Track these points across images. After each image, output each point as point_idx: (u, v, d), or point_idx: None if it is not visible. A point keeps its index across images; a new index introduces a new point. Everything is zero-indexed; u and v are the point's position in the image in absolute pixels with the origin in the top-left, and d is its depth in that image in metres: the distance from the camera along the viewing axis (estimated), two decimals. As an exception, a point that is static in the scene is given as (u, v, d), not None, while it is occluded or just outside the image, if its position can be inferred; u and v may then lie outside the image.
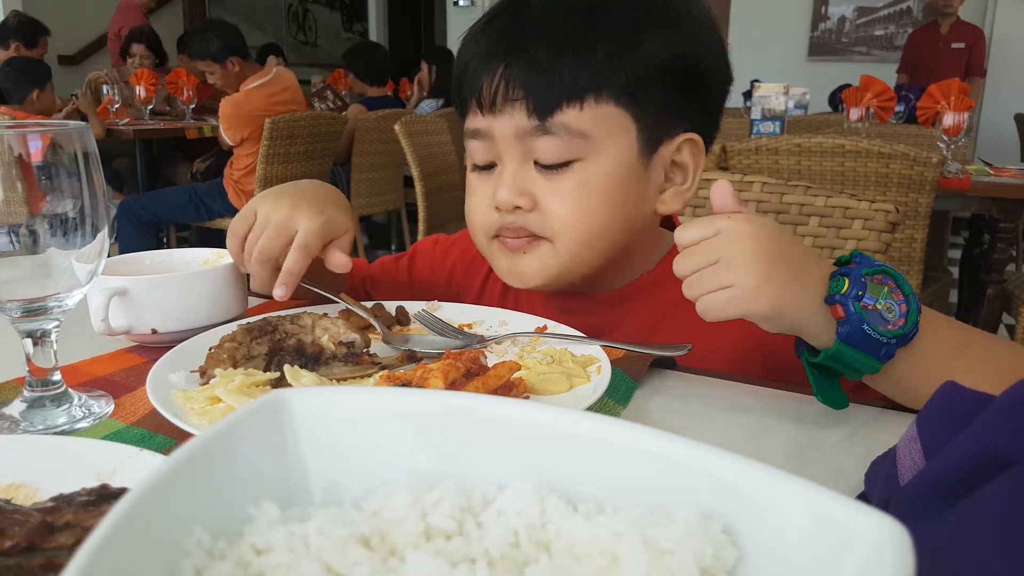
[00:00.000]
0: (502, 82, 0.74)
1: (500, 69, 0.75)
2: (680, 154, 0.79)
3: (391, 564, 0.29)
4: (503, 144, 0.77)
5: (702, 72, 0.78)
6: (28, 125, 0.55)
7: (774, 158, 2.33)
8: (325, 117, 3.67)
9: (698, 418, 0.65)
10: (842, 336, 0.59)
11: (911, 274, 2.35)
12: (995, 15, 5.83)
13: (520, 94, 0.73)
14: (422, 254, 1.04)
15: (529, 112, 0.73)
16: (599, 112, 0.74)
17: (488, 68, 0.75)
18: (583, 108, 0.73)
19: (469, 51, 0.78)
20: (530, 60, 0.73)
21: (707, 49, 0.78)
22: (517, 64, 0.74)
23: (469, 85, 0.77)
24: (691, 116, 0.79)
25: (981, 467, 0.34)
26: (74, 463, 0.48)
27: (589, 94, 0.73)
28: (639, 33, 0.74)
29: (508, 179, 0.76)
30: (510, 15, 0.77)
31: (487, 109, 0.76)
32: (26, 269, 0.57)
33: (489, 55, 0.76)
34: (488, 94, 0.75)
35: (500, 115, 0.75)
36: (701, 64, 0.77)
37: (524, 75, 0.73)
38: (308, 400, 0.35)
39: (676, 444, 0.31)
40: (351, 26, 9.41)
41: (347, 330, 0.70)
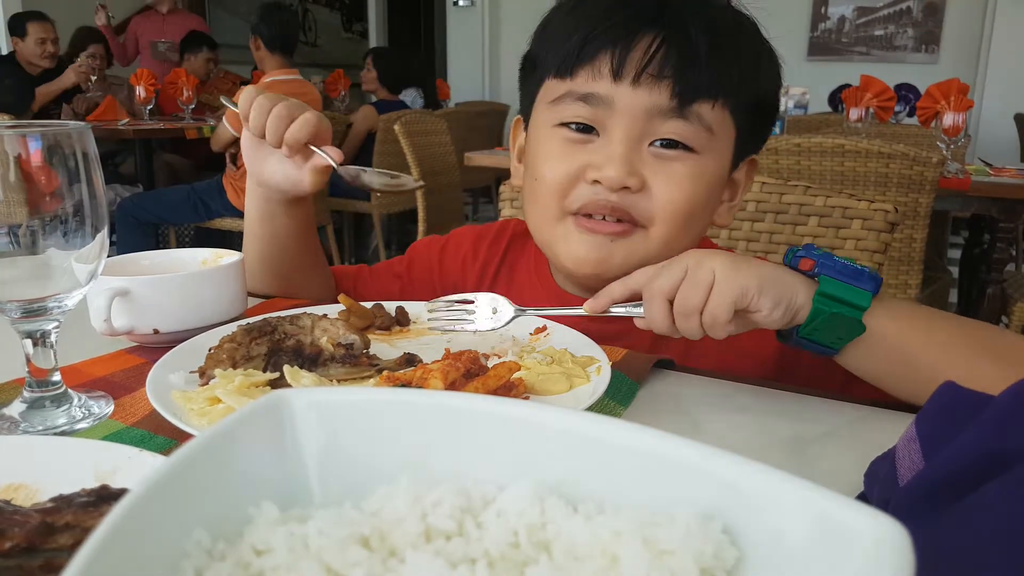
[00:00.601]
0: (654, 56, 0.72)
1: (653, 42, 0.72)
2: (739, 172, 0.84)
3: (391, 564, 0.29)
4: (624, 117, 0.74)
5: (775, 106, 0.84)
6: (28, 125, 0.55)
7: (774, 158, 2.33)
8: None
9: (698, 418, 0.65)
10: (823, 269, 0.63)
11: (911, 274, 2.35)
12: (995, 15, 5.83)
13: (671, 72, 0.72)
14: (418, 256, 1.04)
15: (672, 94, 0.73)
16: (722, 115, 0.76)
17: (640, 36, 0.73)
18: (714, 107, 0.75)
19: (607, 13, 0.74)
20: (690, 45, 0.72)
21: (780, 87, 0.83)
22: (674, 43, 0.72)
23: (605, 43, 0.73)
24: (760, 141, 0.84)
25: (981, 467, 0.34)
26: (74, 464, 0.48)
27: (721, 97, 0.75)
28: (762, 61, 0.79)
29: (620, 156, 0.73)
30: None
31: (625, 77, 0.73)
32: (26, 269, 0.57)
33: (642, 23, 0.73)
34: (633, 63, 0.72)
35: (639, 87, 0.73)
36: (777, 97, 0.83)
37: (680, 56, 0.72)
38: (308, 400, 0.35)
39: (676, 444, 0.31)
40: (351, 26, 9.41)
41: (346, 331, 0.70)
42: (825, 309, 0.62)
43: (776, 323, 0.64)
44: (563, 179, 0.76)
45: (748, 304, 0.62)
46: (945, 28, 6.16)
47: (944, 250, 3.27)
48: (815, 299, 0.63)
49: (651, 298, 0.64)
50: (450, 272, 1.01)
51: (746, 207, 1.33)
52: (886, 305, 0.65)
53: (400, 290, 1.02)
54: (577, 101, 0.75)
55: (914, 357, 0.64)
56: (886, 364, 0.66)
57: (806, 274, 0.65)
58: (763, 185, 1.32)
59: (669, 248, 0.76)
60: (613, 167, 0.73)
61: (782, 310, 0.63)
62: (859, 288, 0.63)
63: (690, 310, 0.62)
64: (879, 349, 0.65)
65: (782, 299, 0.63)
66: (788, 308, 0.63)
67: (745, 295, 0.62)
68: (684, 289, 0.63)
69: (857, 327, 0.63)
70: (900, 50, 6.30)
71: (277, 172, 0.87)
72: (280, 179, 0.87)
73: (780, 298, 0.63)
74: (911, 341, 0.65)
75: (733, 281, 0.62)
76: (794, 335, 0.65)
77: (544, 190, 0.78)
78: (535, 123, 0.82)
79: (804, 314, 0.63)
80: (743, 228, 1.34)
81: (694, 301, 0.62)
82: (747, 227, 1.34)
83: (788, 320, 0.64)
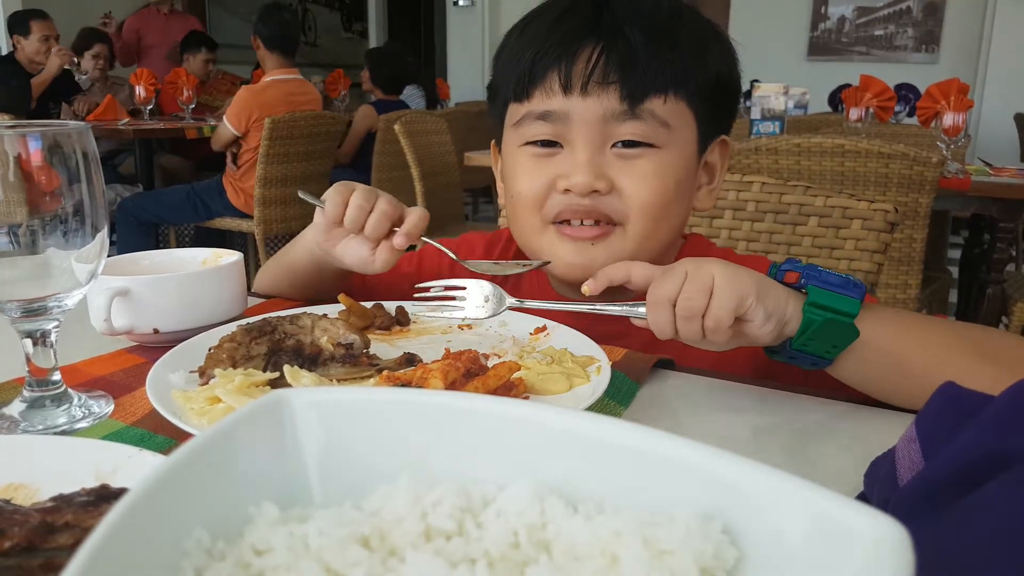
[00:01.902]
0: (598, 64, 0.75)
1: (593, 52, 0.76)
2: (712, 155, 0.85)
3: (391, 564, 0.29)
4: (582, 127, 0.77)
5: (735, 85, 0.84)
6: (28, 125, 0.55)
7: (774, 158, 2.33)
8: (325, 117, 3.67)
9: (698, 418, 0.65)
10: (810, 280, 0.63)
11: (911, 274, 2.35)
12: (995, 15, 5.83)
13: (616, 78, 0.75)
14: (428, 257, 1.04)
15: (621, 97, 0.75)
16: (676, 108, 0.78)
17: (580, 47, 0.76)
18: (666, 101, 0.77)
19: (548, 33, 0.78)
20: (628, 47, 0.75)
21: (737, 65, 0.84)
22: (613, 48, 0.75)
23: (550, 62, 0.77)
24: (726, 122, 0.85)
25: (980, 467, 0.34)
26: (74, 463, 0.48)
27: (672, 89, 0.76)
28: (708, 45, 0.80)
29: (585, 163, 0.77)
30: (592, 3, 0.78)
31: (573, 90, 0.76)
32: (26, 269, 0.57)
33: (580, 35, 0.76)
34: (579, 75, 0.76)
35: (588, 97, 0.76)
36: (736, 78, 0.84)
37: (620, 60, 0.75)
38: (308, 400, 0.35)
39: (676, 444, 0.31)
40: (351, 26, 9.41)
41: (346, 331, 0.70)
42: (817, 318, 0.62)
43: (766, 335, 0.63)
44: (537, 192, 0.81)
45: (746, 310, 0.62)
46: (945, 28, 6.16)
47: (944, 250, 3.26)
48: (805, 309, 0.63)
49: (655, 303, 0.64)
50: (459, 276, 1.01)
51: (746, 207, 1.33)
52: (874, 312, 0.65)
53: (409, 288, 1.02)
54: (537, 120, 0.79)
55: (907, 361, 0.64)
56: (879, 370, 0.66)
57: (792, 287, 0.65)
58: (763, 185, 1.32)
59: (649, 241, 0.80)
60: (580, 174, 0.77)
61: (774, 322, 0.63)
62: (847, 296, 0.63)
63: (693, 312, 0.62)
64: (871, 355, 0.65)
65: (775, 311, 0.63)
66: (779, 321, 0.63)
67: (744, 300, 0.62)
68: (687, 290, 0.63)
69: (851, 332, 0.63)
70: (900, 50, 6.30)
71: (351, 254, 0.84)
72: (352, 260, 0.84)
73: (773, 309, 0.63)
74: (903, 345, 0.65)
75: (733, 285, 0.62)
76: (787, 348, 0.65)
77: (521, 205, 0.83)
78: (505, 145, 0.86)
79: (793, 327, 0.63)
80: (743, 228, 1.34)
81: (697, 303, 0.62)
82: (747, 227, 1.34)
83: (777, 333, 0.64)
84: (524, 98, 0.80)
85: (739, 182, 1.34)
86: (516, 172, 0.83)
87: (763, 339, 0.64)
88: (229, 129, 3.51)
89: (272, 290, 1.01)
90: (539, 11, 0.82)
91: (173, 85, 4.57)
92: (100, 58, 4.99)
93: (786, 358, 0.66)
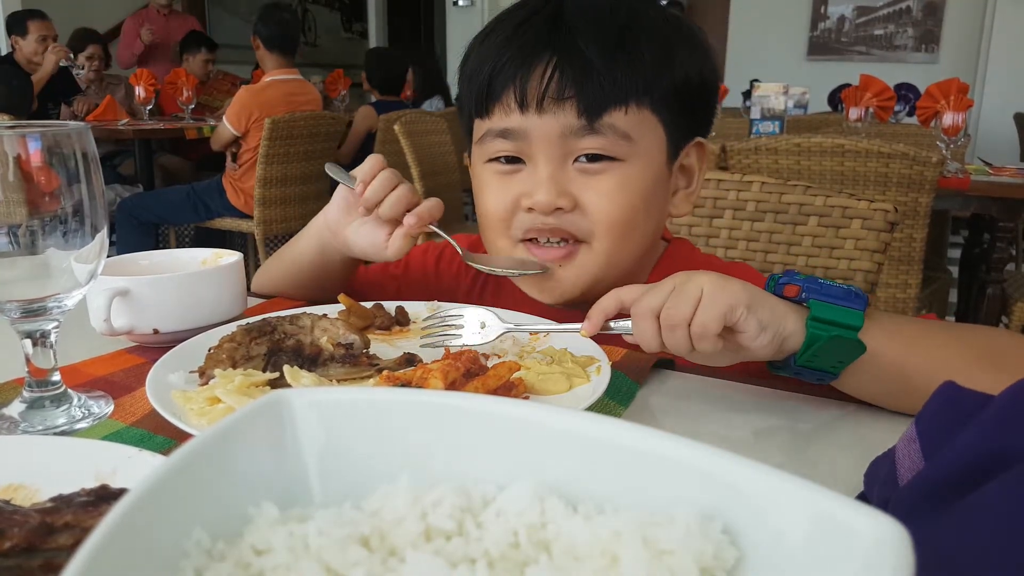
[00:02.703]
0: (551, 81, 0.73)
1: (547, 68, 0.74)
2: (688, 158, 0.83)
3: (391, 564, 0.29)
4: (541, 144, 0.76)
5: (710, 85, 0.82)
6: (28, 125, 0.55)
7: (773, 158, 2.33)
8: (325, 117, 3.67)
9: (698, 418, 0.65)
10: (811, 294, 0.61)
11: (911, 274, 2.35)
12: (995, 15, 5.83)
13: (571, 93, 0.73)
14: (415, 260, 1.04)
15: (579, 112, 0.73)
16: (640, 118, 0.76)
17: (534, 62, 0.74)
18: (627, 112, 0.75)
19: (502, 49, 0.76)
20: (583, 60, 0.73)
21: (712, 65, 0.82)
22: (567, 63, 0.73)
23: (505, 79, 0.75)
24: (701, 124, 0.83)
25: (980, 467, 0.34)
26: (74, 464, 0.48)
27: (633, 99, 0.74)
28: (673, 48, 0.77)
29: (546, 180, 0.76)
30: (550, 15, 0.76)
31: (530, 107, 0.75)
32: (25, 269, 0.57)
33: (534, 50, 0.74)
34: (534, 92, 0.74)
35: (544, 114, 0.74)
36: (709, 78, 0.82)
37: (575, 74, 0.73)
38: (308, 400, 0.35)
39: (676, 444, 0.31)
40: (351, 26, 9.40)
41: (346, 331, 0.70)
42: (823, 334, 0.60)
43: (764, 348, 0.62)
44: (502, 211, 0.80)
45: (736, 321, 0.60)
46: (945, 28, 6.16)
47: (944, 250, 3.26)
48: (809, 324, 0.61)
49: (639, 315, 0.63)
50: (444, 278, 1.01)
51: (746, 207, 1.33)
52: (877, 322, 0.63)
53: (396, 290, 1.02)
54: (497, 137, 0.78)
55: (911, 371, 0.63)
56: (884, 382, 0.64)
57: (792, 301, 0.63)
58: (763, 185, 1.32)
59: (617, 257, 0.79)
60: (542, 192, 0.76)
61: (769, 336, 0.61)
62: (850, 308, 0.61)
63: (677, 321, 0.61)
64: (877, 368, 0.63)
65: (770, 323, 0.61)
66: (776, 335, 0.61)
67: (734, 309, 0.60)
68: (671, 302, 0.61)
69: (858, 348, 0.61)
70: (900, 50, 6.30)
71: (364, 236, 0.85)
72: (364, 244, 0.85)
73: (768, 322, 0.61)
74: (908, 355, 0.63)
75: (721, 294, 0.60)
76: (791, 363, 0.63)
77: (489, 223, 0.82)
78: (473, 161, 0.85)
79: (795, 342, 0.61)
80: (743, 228, 1.34)
81: (682, 311, 0.60)
82: (747, 227, 1.34)
83: (776, 347, 0.62)
84: (485, 115, 0.79)
85: (739, 182, 1.34)
86: (483, 190, 0.82)
87: (761, 352, 0.62)
88: (229, 129, 3.51)
89: (271, 289, 1.01)
90: (501, 18, 0.80)
91: (173, 85, 4.56)
92: (95, 59, 4.99)
93: (791, 373, 0.65)
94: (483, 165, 0.82)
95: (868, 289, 1.28)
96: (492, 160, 0.80)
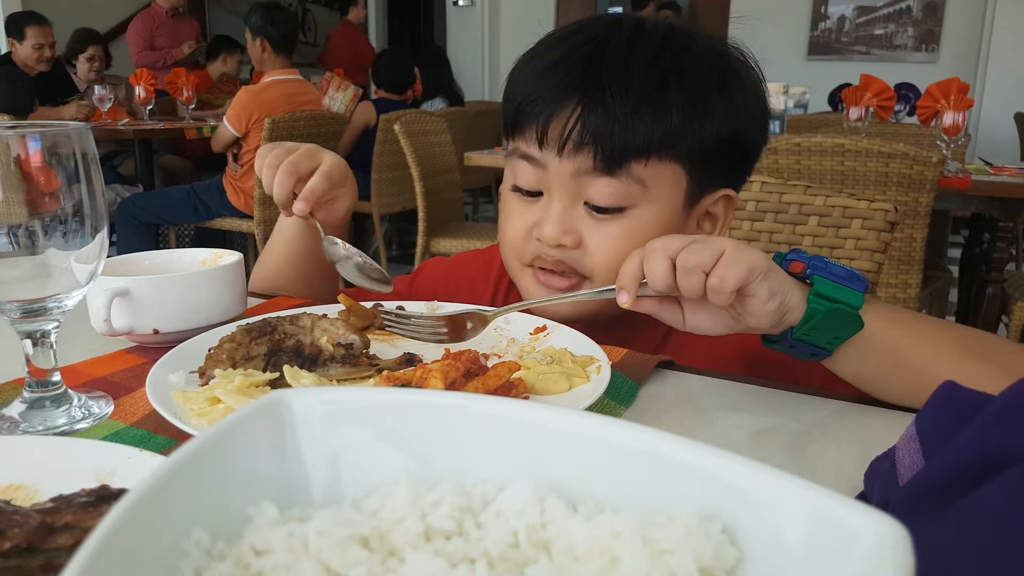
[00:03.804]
0: (576, 127, 0.73)
1: (574, 111, 0.73)
2: (715, 207, 0.82)
3: (390, 564, 0.29)
4: (557, 180, 0.77)
5: (752, 143, 0.81)
6: (28, 125, 0.55)
7: (773, 157, 2.33)
8: (325, 117, 3.67)
9: (698, 418, 0.65)
10: (815, 271, 0.63)
11: (911, 273, 2.35)
12: (995, 15, 5.83)
13: (591, 140, 0.73)
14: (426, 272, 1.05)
15: (596, 159, 0.73)
16: (660, 167, 0.75)
17: (560, 106, 0.74)
18: (647, 164, 0.74)
19: (537, 84, 0.76)
20: (607, 111, 0.72)
21: (758, 122, 0.81)
22: (593, 111, 0.73)
23: (532, 116, 0.76)
24: (731, 176, 0.82)
25: (980, 467, 0.34)
26: (74, 464, 0.48)
27: (655, 152, 0.74)
28: (710, 101, 0.75)
29: (556, 216, 0.77)
30: (586, 58, 0.75)
31: (552, 146, 0.75)
32: (26, 270, 0.57)
33: (563, 95, 0.74)
34: (557, 134, 0.74)
35: (565, 155, 0.75)
36: (751, 137, 0.80)
37: (598, 123, 0.72)
38: (308, 400, 0.35)
39: (676, 444, 0.31)
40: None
41: (346, 331, 0.70)
42: (822, 308, 0.62)
43: (768, 315, 0.63)
44: (517, 237, 0.82)
45: (752, 283, 0.61)
46: (945, 27, 6.16)
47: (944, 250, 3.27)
48: (810, 299, 0.63)
49: (652, 252, 0.63)
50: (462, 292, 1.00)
51: (746, 207, 1.33)
52: (873, 306, 0.65)
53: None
54: (521, 159, 0.79)
55: (903, 357, 0.65)
56: (876, 365, 0.66)
57: (796, 277, 0.65)
58: (763, 185, 1.32)
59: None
60: (549, 226, 0.77)
61: (776, 303, 0.62)
62: (851, 288, 0.63)
63: (694, 264, 0.61)
64: (870, 349, 0.65)
65: (778, 292, 0.62)
66: (782, 304, 0.63)
67: (753, 271, 0.60)
68: (692, 247, 0.61)
69: (855, 323, 0.63)
70: (900, 49, 6.30)
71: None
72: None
73: (778, 288, 0.62)
74: (900, 340, 0.65)
75: (743, 255, 0.61)
76: (787, 337, 0.65)
77: (505, 244, 0.85)
78: (504, 179, 0.85)
79: (795, 315, 0.63)
80: (743, 228, 1.34)
81: (702, 256, 0.61)
82: (747, 227, 1.34)
83: (779, 318, 0.63)
84: (513, 135, 0.81)
85: (739, 182, 1.34)
86: (505, 213, 0.84)
87: (764, 319, 0.63)
88: (229, 130, 3.51)
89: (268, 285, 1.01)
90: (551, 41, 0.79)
91: (173, 85, 4.56)
92: (95, 60, 4.98)
93: (785, 348, 0.66)
94: (509, 192, 0.83)
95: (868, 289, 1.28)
96: (515, 188, 0.82)
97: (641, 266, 0.64)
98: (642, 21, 0.77)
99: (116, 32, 6.10)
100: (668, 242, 0.63)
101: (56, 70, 4.64)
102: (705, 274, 0.61)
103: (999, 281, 2.49)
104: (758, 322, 0.64)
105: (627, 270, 0.65)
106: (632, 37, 0.75)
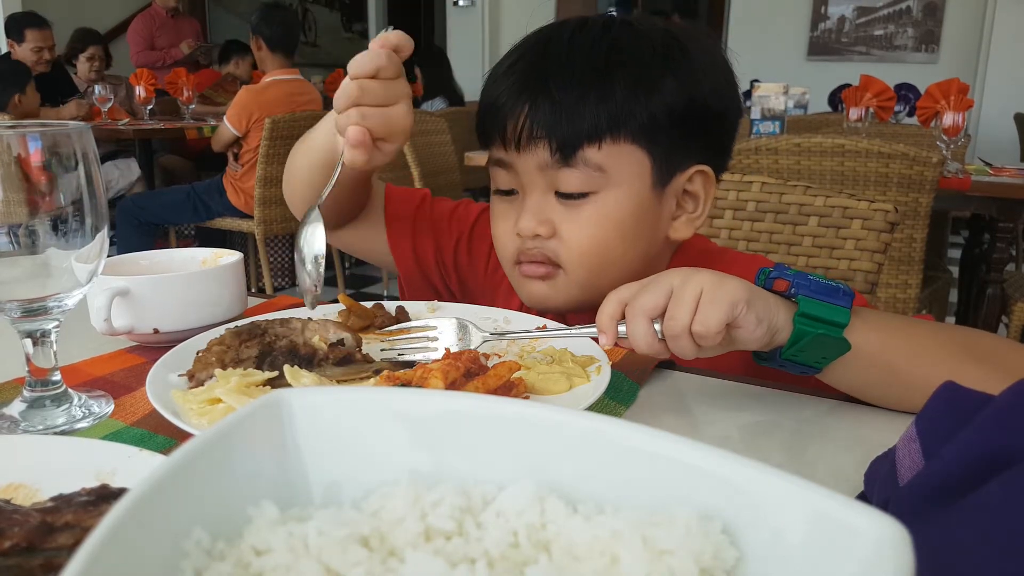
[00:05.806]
0: (526, 122, 0.78)
1: (524, 109, 0.78)
2: (692, 184, 0.83)
3: (391, 564, 0.29)
4: (526, 176, 0.80)
5: (713, 112, 0.81)
6: (28, 125, 0.55)
7: (774, 158, 2.33)
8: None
9: (698, 418, 0.65)
10: (800, 289, 0.63)
11: (911, 274, 2.35)
12: (995, 15, 5.83)
13: (543, 134, 0.77)
14: (440, 205, 1.04)
15: (552, 150, 0.77)
16: (616, 149, 0.77)
17: (512, 108, 0.79)
18: (601, 147, 0.77)
19: (494, 90, 0.82)
20: (552, 103, 0.76)
21: (719, 90, 0.81)
22: (540, 106, 0.77)
23: (493, 122, 0.81)
24: (702, 151, 0.82)
25: (980, 467, 0.34)
26: (74, 463, 0.48)
27: (607, 134, 0.76)
28: (655, 78, 0.77)
29: (530, 208, 0.81)
30: (532, 58, 0.80)
31: (511, 146, 0.80)
32: (26, 269, 0.57)
33: (513, 95, 0.79)
34: (513, 133, 0.79)
35: (524, 151, 0.79)
36: (713, 105, 0.80)
37: (547, 116, 0.77)
38: (308, 400, 0.35)
39: (676, 444, 0.31)
40: (351, 26, 9.41)
41: (336, 330, 0.70)
42: (809, 331, 0.61)
43: (757, 341, 0.62)
44: (503, 238, 0.85)
45: (737, 317, 0.60)
46: (945, 28, 6.16)
47: (944, 250, 3.27)
48: (796, 320, 0.62)
49: (633, 317, 0.62)
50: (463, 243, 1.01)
51: (746, 207, 1.33)
52: (863, 317, 0.64)
53: (456, 242, 1.01)
54: (496, 166, 0.84)
55: (895, 367, 0.64)
56: (868, 376, 0.65)
57: (781, 295, 0.64)
58: (763, 185, 1.32)
59: (591, 287, 0.81)
60: (524, 218, 0.81)
61: (764, 328, 0.61)
62: (836, 305, 0.62)
63: (679, 331, 0.61)
64: (861, 362, 0.64)
65: (765, 316, 0.62)
66: (770, 327, 0.62)
67: (735, 305, 0.60)
68: (671, 310, 0.61)
69: (842, 346, 0.62)
70: (900, 50, 6.30)
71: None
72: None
73: (764, 315, 0.61)
74: (892, 350, 0.64)
75: (723, 293, 0.60)
76: (776, 356, 0.64)
77: (497, 247, 0.88)
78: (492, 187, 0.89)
79: (783, 336, 0.62)
80: (743, 228, 1.34)
81: (682, 320, 0.60)
82: (747, 227, 1.34)
83: (768, 339, 0.62)
84: (487, 145, 0.85)
85: (739, 182, 1.35)
86: (492, 218, 0.88)
87: (753, 344, 0.63)
88: (229, 130, 3.51)
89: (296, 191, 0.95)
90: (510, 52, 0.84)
91: (173, 85, 4.56)
92: (95, 60, 4.98)
93: (776, 366, 0.65)
94: (494, 196, 0.87)
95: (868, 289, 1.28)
96: (498, 192, 0.86)
97: (618, 307, 0.64)
98: (586, 18, 0.81)
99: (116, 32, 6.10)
100: (644, 300, 0.62)
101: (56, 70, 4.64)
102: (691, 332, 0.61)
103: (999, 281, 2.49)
104: (748, 346, 0.64)
105: (604, 311, 0.65)
106: (574, 31, 0.79)
